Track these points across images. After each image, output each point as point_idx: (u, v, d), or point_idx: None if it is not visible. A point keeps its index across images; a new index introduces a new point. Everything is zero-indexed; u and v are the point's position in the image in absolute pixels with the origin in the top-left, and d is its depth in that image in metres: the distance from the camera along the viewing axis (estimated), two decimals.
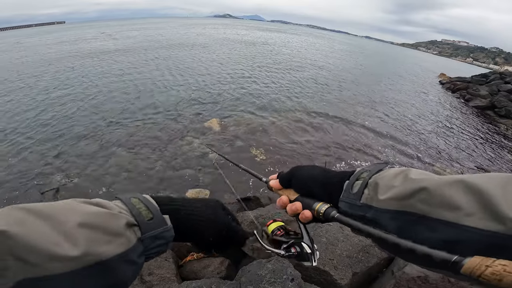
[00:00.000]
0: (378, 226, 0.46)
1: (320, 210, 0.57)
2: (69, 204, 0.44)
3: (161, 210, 0.54)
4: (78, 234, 0.39)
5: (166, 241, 0.53)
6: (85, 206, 0.45)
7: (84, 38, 33.99)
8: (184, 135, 7.27)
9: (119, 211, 0.48)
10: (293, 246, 0.65)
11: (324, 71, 19.56)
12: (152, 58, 18.66)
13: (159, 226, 0.52)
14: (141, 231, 0.49)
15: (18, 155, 6.09)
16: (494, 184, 0.35)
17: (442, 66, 53.36)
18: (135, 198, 0.54)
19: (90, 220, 0.42)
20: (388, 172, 0.50)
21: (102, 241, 0.41)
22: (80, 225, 0.40)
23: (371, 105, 12.16)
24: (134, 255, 0.46)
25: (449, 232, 0.37)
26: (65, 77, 12.99)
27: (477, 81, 20.23)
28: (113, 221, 0.45)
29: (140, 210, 0.51)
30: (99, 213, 0.44)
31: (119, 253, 0.43)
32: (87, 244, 0.38)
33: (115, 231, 0.44)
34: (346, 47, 56.72)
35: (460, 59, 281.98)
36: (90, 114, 8.44)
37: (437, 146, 8.80)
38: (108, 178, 5.43)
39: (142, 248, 0.49)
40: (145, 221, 0.50)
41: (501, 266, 0.28)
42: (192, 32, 45.02)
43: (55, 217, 0.39)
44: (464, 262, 0.31)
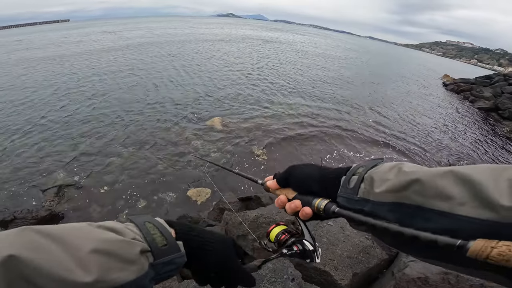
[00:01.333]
0: (377, 219, 0.46)
1: (320, 206, 0.57)
2: (84, 229, 0.44)
3: (176, 237, 0.55)
4: (91, 261, 0.38)
5: (177, 266, 0.53)
6: (99, 231, 0.45)
7: (97, 37, 34.08)
8: (187, 134, 7.29)
9: (133, 237, 0.48)
10: (295, 244, 0.65)
11: (330, 71, 19.54)
12: (158, 56, 18.70)
13: (172, 252, 0.52)
14: (153, 256, 0.49)
15: (20, 152, 6.13)
16: (483, 174, 0.36)
17: (446, 67, 53.06)
18: (149, 223, 0.54)
19: (104, 247, 0.41)
20: (383, 167, 0.51)
21: (115, 268, 0.41)
22: (94, 251, 0.40)
23: (375, 106, 12.12)
24: (146, 281, 0.46)
25: (443, 221, 0.37)
26: (69, 75, 13.07)
27: (481, 82, 20.11)
28: (128, 248, 0.45)
29: (155, 236, 0.51)
30: (114, 240, 0.44)
31: (132, 280, 0.43)
32: (100, 271, 0.38)
33: (129, 258, 0.44)
34: (351, 47, 56.63)
35: (464, 60, 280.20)
36: (94, 112, 8.48)
37: (439, 147, 8.76)
38: (110, 177, 5.45)
39: (154, 274, 0.49)
40: (159, 247, 0.50)
41: (505, 247, 0.29)
42: (198, 31, 45.02)
43: (68, 242, 0.39)
44: (469, 245, 0.31)
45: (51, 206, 4.62)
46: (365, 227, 0.49)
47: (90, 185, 5.22)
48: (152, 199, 4.97)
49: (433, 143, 8.98)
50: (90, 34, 37.37)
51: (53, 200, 4.77)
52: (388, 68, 31.58)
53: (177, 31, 43.56)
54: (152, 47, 23.84)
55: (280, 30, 78.33)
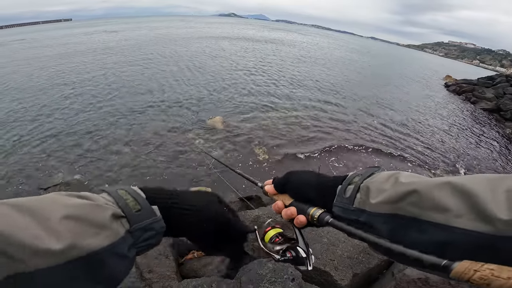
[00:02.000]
0: (372, 230, 0.46)
1: (314, 215, 0.57)
2: (52, 197, 0.43)
3: (149, 201, 0.52)
4: (62, 227, 0.37)
5: (156, 232, 0.51)
6: (68, 198, 0.43)
7: (101, 36, 34.15)
8: (188, 133, 7.30)
9: (104, 202, 0.46)
10: (288, 250, 0.65)
11: (333, 72, 19.54)
12: (162, 55, 18.74)
13: (148, 217, 0.50)
14: (129, 223, 0.47)
15: (21, 150, 6.15)
16: (481, 185, 0.36)
17: (448, 68, 52.95)
18: (122, 190, 0.52)
19: (74, 213, 0.40)
20: (379, 176, 0.51)
21: (87, 233, 0.40)
22: (64, 217, 0.38)
23: (377, 107, 12.11)
24: (124, 248, 0.45)
25: (439, 234, 0.37)
26: (70, 73, 13.11)
27: (483, 83, 20.07)
28: (98, 212, 0.43)
29: (127, 201, 0.49)
30: (83, 205, 0.43)
31: (106, 245, 0.41)
32: (71, 237, 0.37)
33: (100, 223, 0.42)
34: (354, 48, 56.64)
35: (466, 61, 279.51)
36: (96, 110, 8.50)
37: (441, 149, 8.73)
38: (111, 175, 5.46)
39: (132, 241, 0.47)
40: (133, 213, 0.48)
41: (489, 271, 0.29)
42: (201, 31, 45.07)
43: (37, 211, 0.37)
44: (453, 266, 0.32)
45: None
46: (358, 238, 0.49)
47: (91, 183, 5.22)
48: None
49: (434, 145, 8.95)
50: (93, 34, 37.53)
51: None
52: (390, 69, 31.55)
53: (180, 31, 43.62)
54: (156, 46, 23.93)
55: (282, 30, 78.36)
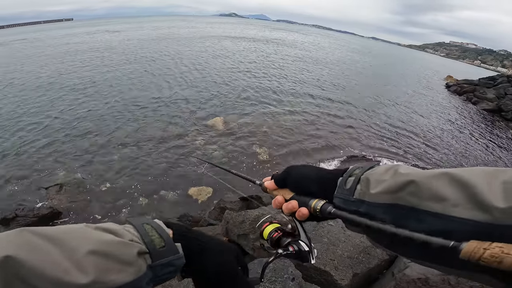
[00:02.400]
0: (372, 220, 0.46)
1: (316, 206, 0.57)
2: (81, 230, 0.44)
3: (173, 238, 0.54)
4: (88, 262, 0.38)
5: (176, 268, 0.52)
6: (96, 232, 0.45)
7: (103, 36, 34.17)
8: (189, 133, 7.30)
9: (131, 238, 0.47)
10: (290, 245, 0.65)
11: (335, 72, 19.54)
12: (164, 55, 18.73)
13: (170, 254, 0.51)
14: (151, 258, 0.48)
15: (23, 149, 6.17)
16: (478, 176, 0.36)
17: (449, 68, 52.87)
18: (147, 224, 0.53)
19: (102, 248, 0.41)
20: (379, 168, 0.51)
21: (112, 269, 0.41)
22: (91, 252, 0.40)
23: (378, 107, 12.09)
24: (143, 282, 0.46)
25: (436, 223, 0.37)
26: (71, 73, 13.12)
27: (485, 84, 20.01)
28: (125, 250, 0.44)
29: (153, 238, 0.51)
30: (111, 242, 0.44)
31: (129, 282, 0.42)
32: (97, 272, 0.38)
33: (126, 260, 0.43)
34: (355, 48, 56.66)
35: (467, 62, 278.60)
36: (97, 110, 8.52)
37: (441, 149, 8.72)
38: (111, 174, 5.47)
39: (151, 275, 0.48)
40: (157, 249, 0.49)
41: (498, 248, 0.29)
42: (203, 30, 45.06)
43: (65, 243, 0.39)
44: (462, 246, 0.31)
45: (53, 204, 4.63)
46: (361, 228, 0.49)
47: (91, 183, 5.24)
48: (153, 197, 4.98)
49: (434, 145, 8.93)
50: (95, 33, 37.58)
51: (54, 198, 4.79)
52: (391, 69, 31.51)
53: (182, 31, 43.65)
54: (158, 46, 23.99)
55: (283, 30, 78.25)
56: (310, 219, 0.61)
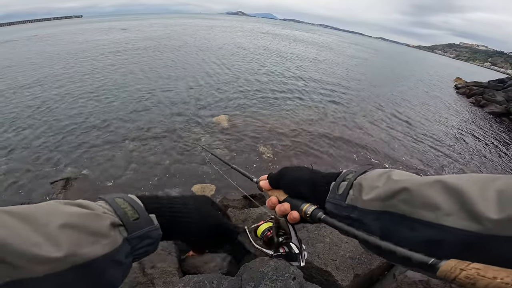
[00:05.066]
0: (363, 227, 0.47)
1: (307, 211, 0.58)
2: (51, 206, 0.43)
3: (147, 209, 0.54)
4: (61, 236, 0.38)
5: (154, 240, 0.52)
6: (67, 207, 0.44)
7: (112, 33, 34.44)
8: (193, 130, 7.33)
9: (103, 211, 0.47)
10: (281, 246, 0.65)
11: (342, 72, 19.40)
12: (172, 51, 18.84)
13: (145, 225, 0.51)
14: (127, 231, 0.48)
15: (29, 145, 6.24)
16: (472, 185, 0.36)
17: (459, 70, 52.23)
18: (119, 198, 0.53)
19: (73, 221, 0.41)
20: (372, 173, 0.51)
21: (86, 242, 0.40)
22: (63, 226, 0.39)
23: (385, 109, 11.98)
24: (121, 256, 0.46)
25: (428, 232, 0.37)
26: (79, 69, 13.27)
27: (494, 86, 19.74)
28: (97, 221, 0.44)
29: (126, 210, 0.50)
30: (82, 214, 0.43)
31: (105, 254, 0.42)
32: (70, 245, 0.38)
33: (99, 231, 0.43)
34: (363, 48, 56.31)
35: (477, 63, 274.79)
36: (103, 106, 8.58)
37: (448, 152, 8.61)
38: (116, 170, 5.51)
39: (129, 248, 0.48)
40: (131, 221, 0.49)
41: (475, 270, 0.29)
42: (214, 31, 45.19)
43: (36, 219, 0.38)
44: (440, 265, 0.32)
45: (58, 199, 4.66)
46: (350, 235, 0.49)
47: (96, 177, 5.28)
48: (157, 194, 5.00)
49: (440, 148, 8.83)
50: (107, 30, 37.88)
51: (60, 193, 4.84)
52: (399, 70, 31.23)
53: (191, 28, 43.81)
54: (169, 41, 24.08)
55: (290, 29, 78.05)
56: (302, 222, 0.62)
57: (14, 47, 23.14)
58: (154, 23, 56.27)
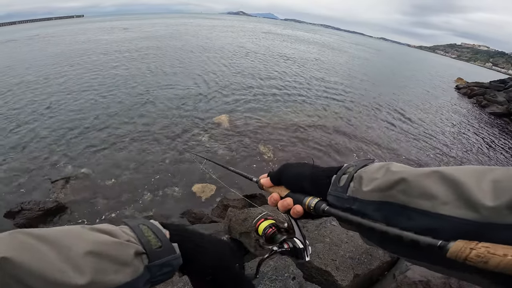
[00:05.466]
0: (365, 217, 0.47)
1: (310, 204, 0.57)
2: (77, 231, 0.44)
3: (170, 238, 0.54)
4: (85, 263, 0.39)
5: (173, 268, 0.53)
6: (93, 233, 0.45)
7: (114, 33, 34.45)
8: (194, 130, 7.33)
9: (127, 239, 0.48)
10: (285, 242, 0.65)
11: (343, 73, 19.38)
12: (174, 51, 18.85)
13: (167, 254, 0.51)
14: (148, 259, 0.49)
15: (30, 144, 6.26)
16: (468, 175, 0.36)
17: (460, 70, 52.11)
18: (144, 225, 0.53)
19: (98, 249, 0.41)
20: (372, 166, 0.52)
21: (109, 270, 0.41)
22: (88, 253, 0.40)
23: (385, 109, 11.97)
24: (141, 283, 0.46)
25: (426, 220, 0.37)
26: (81, 68, 13.28)
27: (495, 87, 19.68)
28: (122, 250, 0.45)
29: (149, 238, 0.51)
30: (107, 242, 0.44)
31: (126, 282, 0.43)
32: (94, 273, 0.38)
33: (123, 260, 0.44)
34: (364, 48, 56.22)
35: (479, 64, 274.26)
36: (103, 106, 8.60)
37: (448, 152, 8.60)
38: (117, 169, 5.52)
39: (149, 276, 0.48)
40: (153, 249, 0.50)
41: (484, 248, 0.29)
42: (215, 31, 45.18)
43: (61, 244, 0.39)
44: (449, 246, 0.32)
45: (58, 198, 4.69)
46: (353, 226, 0.50)
47: (97, 177, 5.29)
48: (157, 193, 5.01)
49: (441, 148, 8.83)
50: (110, 29, 37.94)
51: (60, 191, 4.85)
52: (401, 70, 31.20)
53: (193, 28, 43.83)
54: (170, 41, 24.10)
55: (292, 29, 78.00)
56: (305, 217, 0.62)
57: (17, 47, 23.21)
58: (155, 22, 56.40)
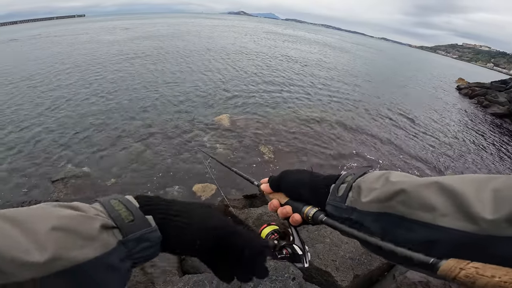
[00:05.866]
0: (363, 228, 0.47)
1: (309, 214, 0.59)
2: (41, 208, 0.42)
3: (143, 211, 0.50)
4: (48, 239, 0.37)
5: (153, 243, 0.49)
6: (59, 209, 0.43)
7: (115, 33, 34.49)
8: (195, 130, 7.33)
9: (95, 213, 0.45)
10: (285, 248, 0.66)
11: (345, 73, 19.32)
12: (176, 50, 18.85)
13: (141, 227, 0.47)
14: (122, 234, 0.46)
15: (30, 143, 6.26)
16: (468, 186, 0.36)
17: (461, 71, 52.02)
18: (115, 199, 0.50)
19: (62, 224, 0.39)
20: (371, 175, 0.52)
21: (74, 245, 0.39)
22: (52, 229, 0.38)
23: (386, 109, 11.94)
24: (115, 259, 0.43)
25: (425, 232, 0.38)
26: (82, 67, 13.31)
27: (497, 87, 19.63)
28: (87, 224, 0.42)
29: (120, 211, 0.48)
30: (72, 216, 0.42)
31: (94, 257, 0.40)
32: (56, 248, 0.36)
33: (88, 234, 0.41)
34: (365, 48, 56.15)
35: (480, 64, 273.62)
36: (106, 104, 8.61)
37: (448, 152, 8.58)
38: (117, 169, 5.52)
39: (125, 252, 0.45)
40: (126, 223, 0.46)
41: (474, 269, 0.29)
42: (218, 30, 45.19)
43: (25, 223, 0.37)
44: (440, 264, 0.32)
45: (59, 197, 4.69)
46: (351, 236, 0.50)
47: (98, 176, 5.29)
48: (158, 192, 5.01)
49: (441, 148, 8.81)
50: (112, 29, 37.91)
51: (61, 190, 4.85)
52: (402, 70, 31.16)
53: (196, 27, 43.85)
54: (172, 41, 24.14)
55: (293, 29, 77.94)
56: (304, 224, 0.63)
57: (19, 46, 23.25)
58: (157, 22, 56.48)
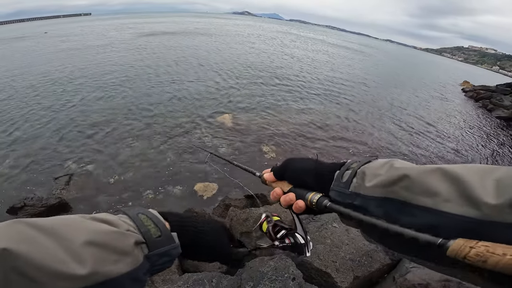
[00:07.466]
0: (366, 213, 0.47)
1: (313, 199, 0.57)
2: (76, 221, 0.44)
3: (170, 228, 0.55)
4: (85, 253, 0.38)
5: (172, 257, 0.53)
6: (92, 223, 0.44)
7: (120, 31, 34.68)
8: (197, 129, 7.35)
9: (127, 228, 0.47)
10: (287, 237, 0.66)
11: (348, 75, 19.26)
12: (180, 49, 18.92)
13: (167, 243, 0.51)
14: (148, 248, 0.49)
15: (34, 140, 6.33)
16: (471, 172, 0.36)
17: (467, 73, 51.66)
18: (143, 214, 0.53)
19: (98, 239, 0.41)
20: (376, 162, 0.52)
21: (109, 260, 0.41)
22: (87, 243, 0.39)
23: (390, 111, 11.89)
24: (141, 273, 0.46)
25: (428, 217, 0.37)
26: (89, 66, 13.39)
27: (502, 90, 19.43)
28: (122, 240, 0.44)
29: (149, 227, 0.51)
30: (107, 232, 0.44)
31: (126, 272, 0.42)
32: (94, 263, 0.38)
33: (123, 250, 0.43)
34: (370, 50, 56.00)
35: (486, 67, 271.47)
36: (109, 103, 8.67)
37: (452, 157, 8.51)
38: (119, 167, 5.56)
39: (148, 265, 0.48)
40: (153, 239, 0.50)
41: (484, 247, 0.29)
42: None
43: (61, 234, 0.38)
44: (449, 244, 0.32)
45: (61, 195, 4.72)
46: (355, 222, 0.49)
47: (100, 175, 5.33)
48: (159, 191, 5.03)
49: (445, 151, 8.74)
50: (119, 27, 38.15)
51: (63, 188, 4.89)
52: (407, 72, 31.03)
53: (199, 26, 43.99)
54: (178, 38, 24.20)
55: (297, 29, 77.89)
56: (307, 212, 0.62)
57: (27, 44, 23.47)
58: (162, 21, 56.86)
